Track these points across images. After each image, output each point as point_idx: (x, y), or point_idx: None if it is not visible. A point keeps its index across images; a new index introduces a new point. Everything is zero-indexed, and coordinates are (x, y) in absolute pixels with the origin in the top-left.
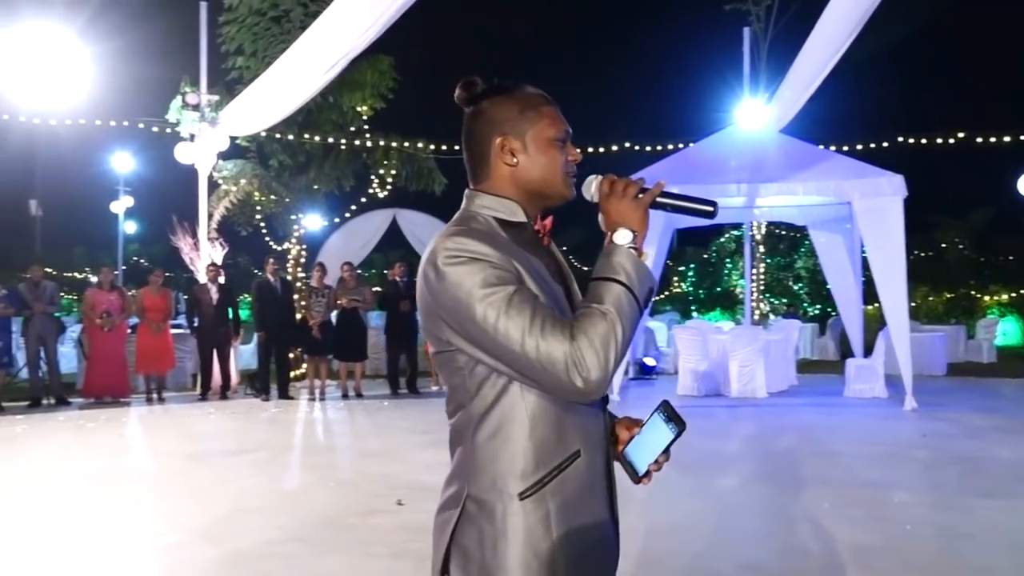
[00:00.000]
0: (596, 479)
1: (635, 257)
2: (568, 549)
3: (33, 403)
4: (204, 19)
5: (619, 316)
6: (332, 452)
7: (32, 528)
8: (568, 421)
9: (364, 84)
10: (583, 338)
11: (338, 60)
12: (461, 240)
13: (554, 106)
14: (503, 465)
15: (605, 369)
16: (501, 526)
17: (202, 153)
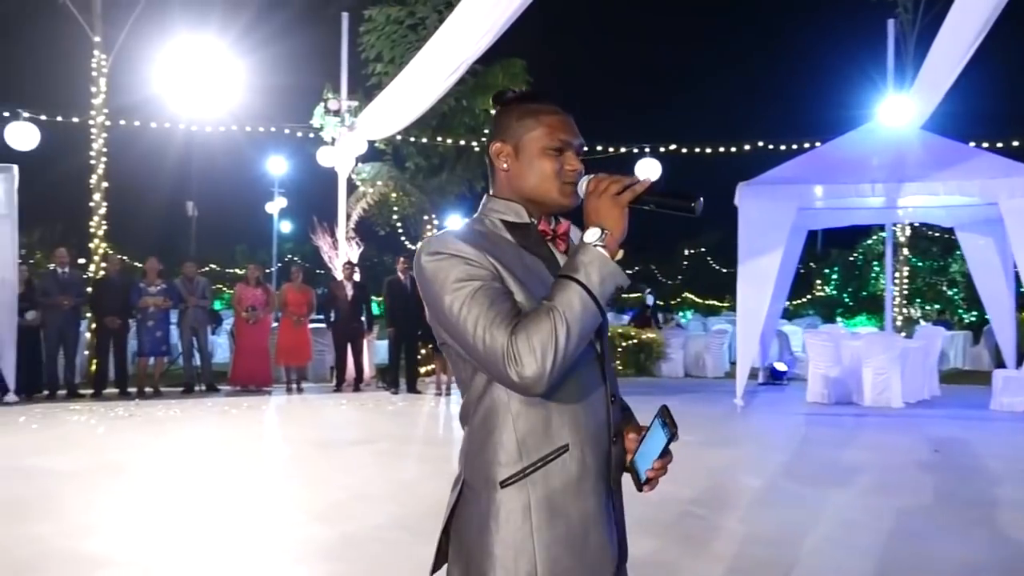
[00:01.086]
0: (588, 474)
1: (601, 256)
2: (548, 538)
3: (187, 389)
4: (345, 29)
5: (566, 315)
6: (449, 445)
7: (170, 500)
8: (556, 415)
9: (496, 87)
10: (522, 334)
11: (459, 65)
12: (442, 239)
13: (559, 116)
14: (489, 454)
15: (541, 365)
16: (487, 511)
17: (341, 156)
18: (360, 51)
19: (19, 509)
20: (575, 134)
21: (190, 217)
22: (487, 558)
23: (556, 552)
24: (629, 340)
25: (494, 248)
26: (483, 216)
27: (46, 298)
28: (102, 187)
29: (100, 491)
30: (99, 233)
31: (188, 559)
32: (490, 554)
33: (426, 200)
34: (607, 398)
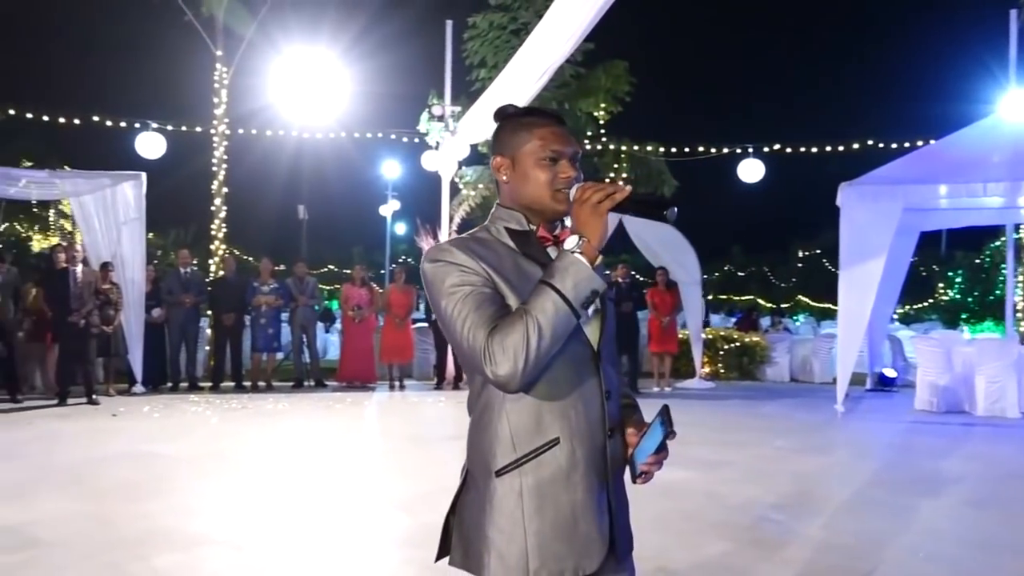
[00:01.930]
0: (577, 466)
1: (577, 262)
2: (537, 524)
3: (296, 384)
4: (449, 36)
5: (538, 318)
6: None
7: (268, 486)
8: (547, 410)
9: (598, 89)
10: (498, 336)
11: (549, 67)
12: (442, 248)
13: (551, 128)
14: (487, 445)
15: (513, 365)
16: (484, 497)
17: (444, 160)
18: (464, 57)
19: (133, 489)
20: (568, 144)
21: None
22: (483, 541)
23: (545, 538)
24: (732, 343)
25: (490, 255)
26: (489, 224)
27: (170, 296)
28: (222, 192)
29: (206, 476)
30: (219, 235)
31: (278, 540)
32: (486, 537)
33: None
34: (601, 395)
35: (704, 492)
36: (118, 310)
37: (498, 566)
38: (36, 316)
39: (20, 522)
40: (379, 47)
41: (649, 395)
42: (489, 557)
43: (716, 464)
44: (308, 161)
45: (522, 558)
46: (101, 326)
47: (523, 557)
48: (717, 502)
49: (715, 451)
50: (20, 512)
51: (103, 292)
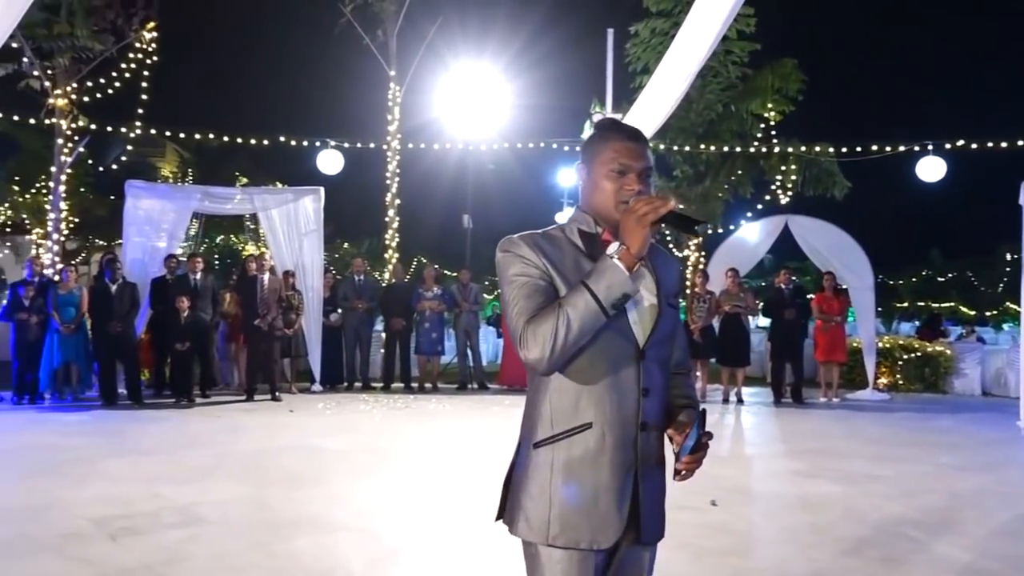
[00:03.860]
0: (605, 451)
1: (613, 266)
2: (562, 496)
3: (460, 387)
4: (611, 45)
5: (570, 312)
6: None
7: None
8: (584, 397)
9: (765, 89)
10: (532, 323)
11: (692, 70)
12: (511, 240)
13: (625, 143)
14: (532, 420)
15: (541, 351)
16: (524, 466)
17: None
18: (627, 64)
19: (293, 478)
20: (638, 159)
21: (466, 229)
22: (518, 505)
23: (567, 509)
24: (912, 352)
25: (554, 251)
26: (567, 224)
27: (345, 302)
28: (395, 204)
29: (360, 469)
30: (392, 244)
31: (412, 531)
32: (519, 500)
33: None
34: (638, 391)
35: (843, 507)
36: (299, 315)
37: (525, 527)
38: (231, 319)
39: (193, 502)
40: (542, 60)
41: (815, 406)
42: (519, 518)
43: (865, 478)
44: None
45: (544, 524)
46: (284, 329)
47: (545, 523)
48: (854, 517)
49: (868, 465)
50: (196, 494)
51: (286, 298)
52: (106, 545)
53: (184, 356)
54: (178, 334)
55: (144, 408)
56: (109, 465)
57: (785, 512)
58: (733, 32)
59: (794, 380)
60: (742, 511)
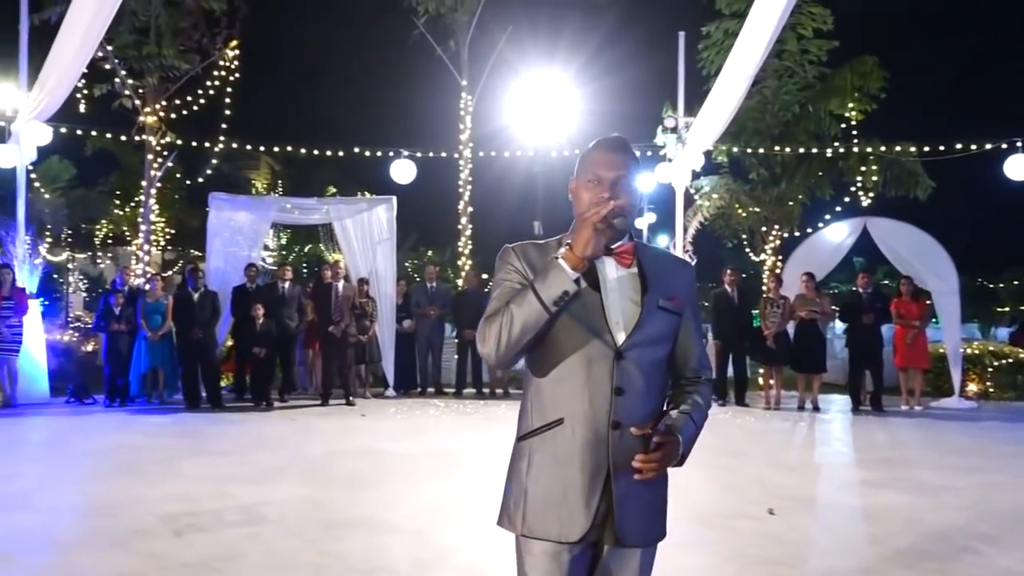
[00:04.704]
0: (575, 448)
1: (556, 266)
2: (533, 488)
3: None
4: (682, 47)
5: (514, 310)
6: (745, 457)
7: (473, 485)
8: (558, 394)
9: (845, 89)
10: (486, 321)
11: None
12: (506, 250)
13: (602, 153)
14: (520, 414)
15: (491, 344)
16: (513, 457)
17: (678, 171)
18: (700, 67)
19: (355, 480)
20: (610, 168)
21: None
22: (506, 492)
23: (539, 501)
24: (1003, 359)
25: (539, 258)
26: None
27: (418, 309)
28: (468, 211)
29: (422, 472)
30: (465, 252)
31: (464, 535)
32: (508, 490)
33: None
34: (611, 390)
35: (907, 518)
36: (373, 321)
37: (504, 518)
38: (308, 326)
39: (256, 502)
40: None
41: (894, 414)
42: (501, 510)
43: (935, 489)
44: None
45: (520, 516)
46: (358, 335)
47: (521, 515)
48: (917, 529)
49: (941, 476)
50: (261, 493)
51: (360, 305)
52: (170, 541)
53: (262, 361)
54: (256, 340)
55: (224, 411)
56: (185, 465)
57: (844, 522)
58: (809, 30)
59: (873, 387)
60: (799, 520)
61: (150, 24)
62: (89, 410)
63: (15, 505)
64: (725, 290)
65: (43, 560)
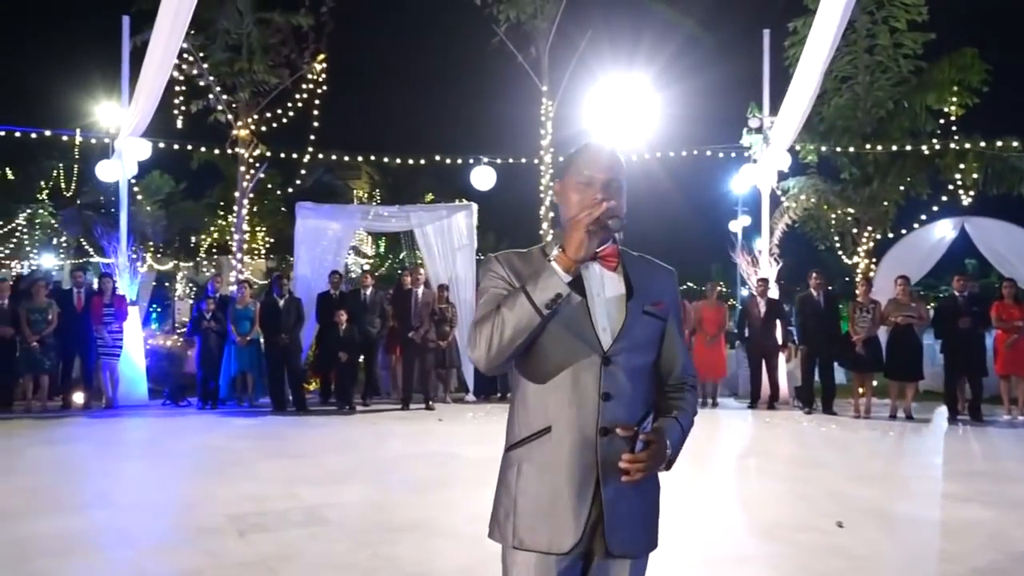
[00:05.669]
0: (564, 455)
1: (548, 268)
2: (523, 499)
3: None
4: (767, 46)
5: (506, 313)
6: (824, 467)
7: None
8: (546, 402)
9: (943, 83)
10: (477, 325)
11: (818, 68)
12: (490, 258)
13: (592, 155)
14: (508, 425)
15: (482, 348)
16: (501, 468)
17: (762, 172)
18: (786, 64)
19: (420, 483)
20: (602, 170)
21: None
22: (496, 503)
23: (526, 511)
24: None
25: (524, 266)
26: (544, 244)
27: None
28: (549, 217)
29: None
30: None
31: None
32: (497, 500)
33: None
34: (598, 395)
35: (989, 534)
36: (452, 327)
37: (495, 530)
38: (389, 331)
39: (321, 503)
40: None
41: (995, 424)
42: (491, 521)
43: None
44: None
45: (509, 527)
46: (438, 341)
47: (511, 526)
48: (997, 545)
49: None
50: (327, 495)
51: (440, 311)
52: (233, 540)
53: (345, 366)
54: (339, 346)
55: (308, 415)
56: (261, 466)
57: (918, 537)
58: (903, 23)
59: (972, 396)
60: (870, 534)
61: (242, 41)
62: (183, 412)
63: (100, 502)
64: (811, 294)
65: (112, 556)
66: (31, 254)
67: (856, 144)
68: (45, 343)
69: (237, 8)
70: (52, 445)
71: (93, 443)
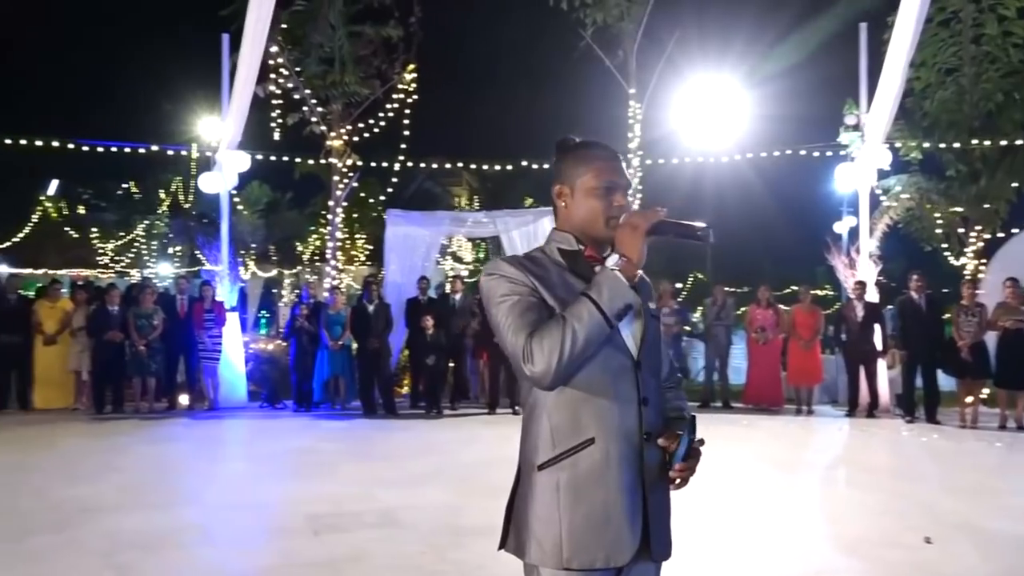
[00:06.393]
0: (611, 465)
1: (615, 278)
2: (571, 517)
3: (703, 404)
4: (864, 40)
5: (575, 324)
6: (918, 479)
7: None
8: (584, 412)
9: None
10: (536, 337)
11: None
12: (496, 263)
13: (607, 161)
14: (532, 441)
15: (548, 362)
16: (528, 490)
17: (860, 171)
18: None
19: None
20: (621, 175)
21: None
22: (526, 529)
23: (578, 530)
24: None
25: (539, 270)
26: (544, 245)
27: None
28: None
29: None
30: None
31: None
32: (528, 526)
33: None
34: (638, 401)
35: None
36: None
37: (537, 551)
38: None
39: (397, 506)
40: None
41: None
42: (530, 543)
43: None
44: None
45: (557, 546)
46: None
47: (558, 546)
48: None
49: None
50: (404, 498)
51: None
52: (307, 540)
53: (433, 370)
54: (427, 350)
55: (397, 418)
56: (345, 468)
57: (1011, 555)
58: (1012, 11)
59: None
60: (959, 550)
61: (334, 54)
62: (278, 414)
63: (189, 500)
64: (911, 296)
65: (193, 552)
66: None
67: (962, 139)
68: (151, 347)
69: (330, 23)
70: (153, 444)
71: (191, 443)
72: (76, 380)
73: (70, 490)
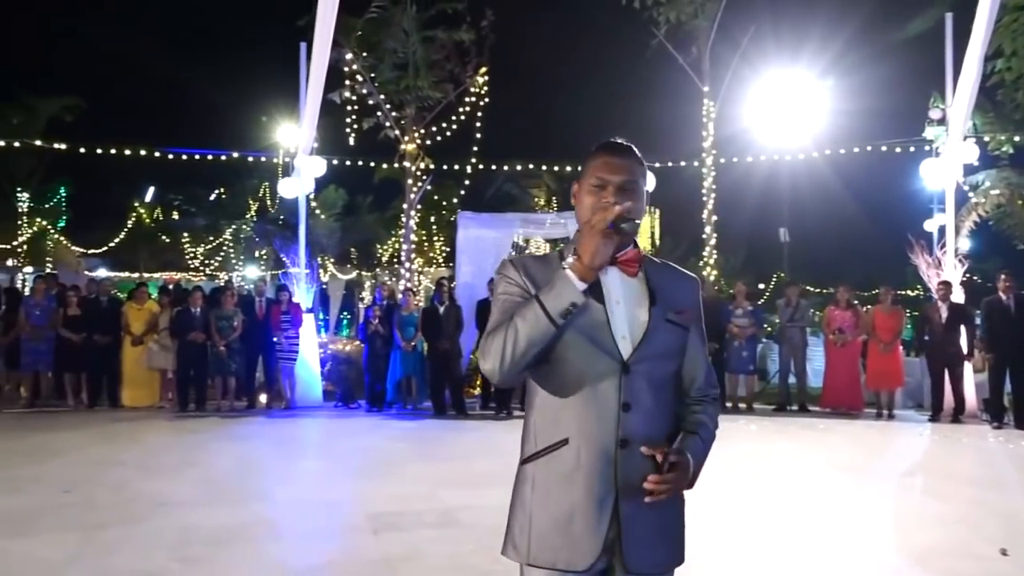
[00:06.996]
0: (581, 468)
1: (564, 277)
2: (540, 514)
3: (779, 408)
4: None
5: (519, 323)
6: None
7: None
8: (563, 413)
9: None
10: (489, 336)
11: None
12: (505, 263)
13: (605, 158)
14: (523, 438)
15: (494, 360)
16: (517, 481)
17: (945, 166)
18: None
19: None
20: (616, 172)
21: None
22: (510, 518)
23: (544, 527)
24: None
25: (540, 270)
26: (562, 248)
27: None
28: (712, 220)
29: None
30: (710, 262)
31: None
32: (513, 514)
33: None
34: (617, 406)
35: None
36: None
37: (511, 547)
38: None
39: (459, 506)
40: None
41: None
42: (506, 537)
43: None
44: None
45: (525, 543)
46: None
47: (526, 542)
48: None
49: None
50: (465, 498)
51: None
52: (366, 538)
53: None
54: None
55: (467, 419)
56: (411, 467)
57: None
58: None
59: None
60: None
61: (408, 60)
62: (352, 414)
63: (260, 496)
64: (999, 297)
65: (257, 548)
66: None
67: None
68: (231, 348)
69: (403, 29)
70: (231, 441)
71: (266, 441)
72: (161, 379)
73: (148, 484)
